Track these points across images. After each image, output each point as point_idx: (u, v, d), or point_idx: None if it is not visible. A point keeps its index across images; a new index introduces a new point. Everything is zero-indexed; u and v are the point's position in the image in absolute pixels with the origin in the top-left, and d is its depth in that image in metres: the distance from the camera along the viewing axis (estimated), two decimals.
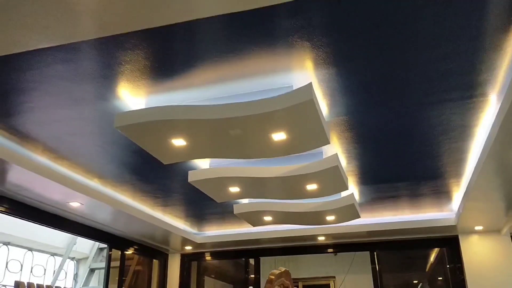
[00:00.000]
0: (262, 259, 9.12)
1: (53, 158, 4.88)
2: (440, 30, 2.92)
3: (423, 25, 2.87)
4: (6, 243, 7.92)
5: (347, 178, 5.17)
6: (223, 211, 7.18)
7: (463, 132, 4.39)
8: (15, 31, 2.46)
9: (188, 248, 8.96)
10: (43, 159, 4.86)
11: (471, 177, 5.22)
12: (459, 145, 4.69)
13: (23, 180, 5.04)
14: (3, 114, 3.89)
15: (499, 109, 3.63)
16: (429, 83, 3.55)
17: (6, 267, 7.86)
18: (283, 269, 3.69)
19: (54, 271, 8.69)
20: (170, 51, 3.16)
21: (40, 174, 4.83)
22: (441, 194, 6.51)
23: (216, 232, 8.56)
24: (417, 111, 3.99)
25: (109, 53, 3.07)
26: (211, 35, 2.98)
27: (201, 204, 6.83)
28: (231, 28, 2.89)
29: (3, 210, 5.60)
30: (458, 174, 5.64)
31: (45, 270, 8.53)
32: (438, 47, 3.11)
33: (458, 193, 6.42)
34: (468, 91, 3.66)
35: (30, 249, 8.33)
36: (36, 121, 4.01)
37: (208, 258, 9.40)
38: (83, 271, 9.12)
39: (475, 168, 4.87)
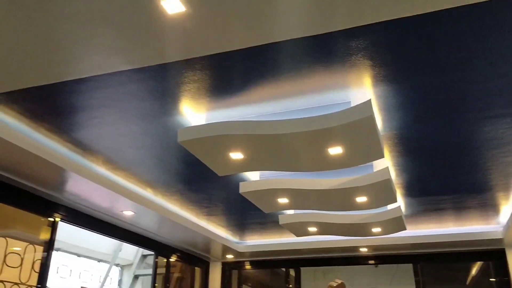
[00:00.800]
0: (302, 269, 9.16)
1: (112, 169, 5.12)
2: (500, 48, 2.97)
3: (484, 44, 2.93)
4: (57, 249, 8.24)
5: (396, 191, 5.21)
6: (265, 221, 7.30)
7: None
8: (103, 55, 2.66)
9: (229, 256, 9.11)
10: (102, 170, 5.11)
11: None
12: None
13: (82, 190, 5.30)
14: (72, 128, 4.14)
15: None
16: (486, 99, 3.59)
17: (57, 272, 8.18)
18: (339, 281, 3.79)
19: (100, 277, 8.99)
20: (233, 70, 3.32)
21: (99, 184, 5.07)
22: (488, 207, 6.44)
23: (257, 241, 8.68)
24: (471, 125, 4.02)
25: (180, 73, 3.25)
26: (274, 56, 3.11)
27: (245, 214, 6.97)
28: (295, 49, 3.03)
29: (60, 217, 5.88)
30: (507, 187, 5.60)
31: (92, 275, 8.83)
32: (498, 65, 3.16)
33: (506, 206, 6.34)
34: None
35: (78, 255, 8.64)
36: (102, 135, 4.24)
37: (248, 267, 9.52)
38: (128, 278, 9.39)
39: None
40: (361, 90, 3.52)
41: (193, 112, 3.91)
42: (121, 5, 2.28)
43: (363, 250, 8.34)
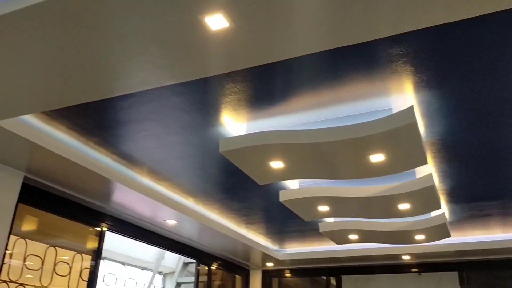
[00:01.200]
0: (343, 277, 9.07)
1: (156, 179, 5.27)
2: None
3: None
4: (103, 258, 8.50)
5: (440, 197, 5.10)
6: (304, 228, 7.29)
7: None
8: (149, 71, 2.77)
9: (269, 264, 9.13)
10: (146, 180, 5.27)
11: None
12: None
13: (127, 200, 5.47)
14: (119, 141, 4.30)
15: None
16: None
17: (103, 280, 8.44)
18: None
19: (144, 285, 9.19)
20: (273, 81, 3.37)
21: (143, 194, 5.23)
22: None
23: (297, 249, 8.66)
24: None
25: (221, 85, 3.34)
26: (313, 65, 3.15)
27: (284, 222, 6.99)
28: (334, 57, 3.05)
29: (107, 227, 6.08)
30: None
31: (136, 283, 9.04)
32: None
33: None
34: None
35: (123, 264, 8.88)
36: (147, 147, 4.38)
37: (288, 275, 9.50)
38: (170, 285, 9.56)
39: None
40: (402, 96, 3.49)
41: (234, 123, 3.98)
42: (168, 23, 2.37)
43: (406, 258, 8.18)
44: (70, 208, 5.42)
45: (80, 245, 5.82)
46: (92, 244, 5.93)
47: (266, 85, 3.39)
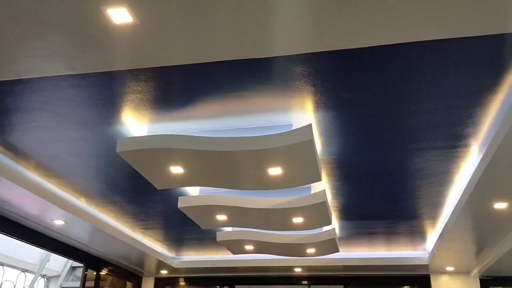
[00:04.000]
0: (236, 287, 9.14)
1: (44, 175, 4.90)
2: (434, 86, 3.19)
3: (420, 81, 3.13)
4: None
5: (331, 214, 5.36)
6: (202, 237, 7.23)
7: (444, 178, 4.67)
8: (43, 58, 2.58)
9: (164, 272, 8.90)
10: (34, 176, 4.88)
11: (448, 220, 5.49)
12: (439, 189, 4.97)
13: (9, 195, 5.01)
14: (4, 130, 3.93)
15: (480, 160, 3.91)
16: (418, 132, 3.82)
17: None
18: None
19: None
20: (179, 85, 3.32)
21: (29, 190, 4.82)
22: (416, 234, 6.77)
23: (193, 257, 8.56)
24: (404, 156, 4.25)
25: (123, 82, 3.21)
26: (221, 73, 3.14)
27: (182, 229, 6.88)
28: (239, 69, 3.07)
29: None
30: (434, 216, 5.92)
31: (14, 286, 8.31)
32: (431, 101, 3.38)
33: (433, 234, 6.69)
34: (453, 141, 3.94)
35: (2, 264, 8.12)
36: (37, 140, 4.06)
37: (182, 283, 9.34)
38: None
39: (453, 212, 5.14)
40: (303, 114, 3.62)
41: (135, 123, 3.85)
42: (67, 10, 2.23)
43: (298, 270, 8.46)
44: None
45: None
46: None
47: (172, 87, 3.32)
